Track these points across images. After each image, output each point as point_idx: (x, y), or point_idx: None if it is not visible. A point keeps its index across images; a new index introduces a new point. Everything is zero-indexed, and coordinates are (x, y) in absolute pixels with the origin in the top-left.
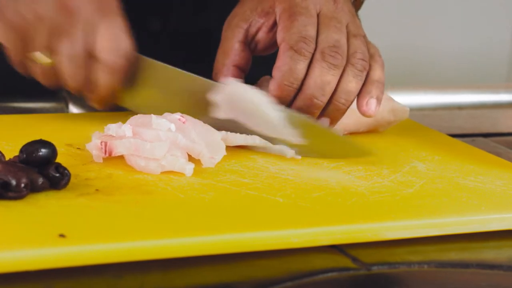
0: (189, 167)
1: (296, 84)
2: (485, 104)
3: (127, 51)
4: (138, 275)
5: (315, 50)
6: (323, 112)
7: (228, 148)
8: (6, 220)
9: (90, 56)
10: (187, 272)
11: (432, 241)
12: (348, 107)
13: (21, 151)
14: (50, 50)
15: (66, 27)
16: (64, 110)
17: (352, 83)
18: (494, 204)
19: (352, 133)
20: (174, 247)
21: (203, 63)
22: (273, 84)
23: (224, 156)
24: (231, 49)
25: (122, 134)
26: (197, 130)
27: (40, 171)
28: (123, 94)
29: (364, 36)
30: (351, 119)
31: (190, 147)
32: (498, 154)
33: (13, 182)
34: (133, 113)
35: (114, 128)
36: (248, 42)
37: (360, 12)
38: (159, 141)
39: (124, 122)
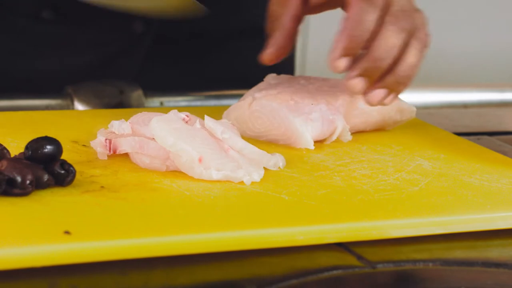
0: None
1: (365, 35)
2: (491, 102)
3: None
4: (142, 272)
5: (386, 12)
6: (383, 81)
7: None
8: (11, 216)
9: None
10: (192, 270)
11: (437, 239)
12: (407, 82)
13: (27, 148)
14: None
15: None
16: (70, 107)
17: (415, 58)
18: (500, 202)
19: (359, 131)
20: (179, 244)
21: (190, 64)
22: (342, 34)
23: None
24: (289, 0)
25: (122, 131)
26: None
27: (45, 168)
28: None
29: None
30: (358, 118)
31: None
32: (503, 153)
33: (19, 179)
34: (137, 110)
35: (116, 125)
36: None
37: None
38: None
39: (127, 119)
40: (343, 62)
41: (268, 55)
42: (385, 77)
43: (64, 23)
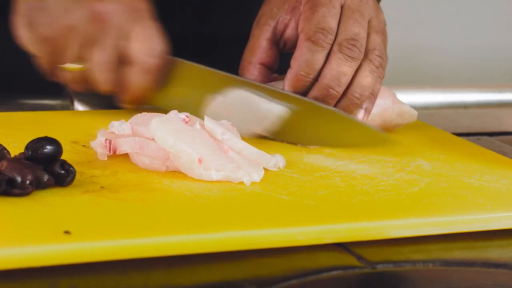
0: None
1: (312, 75)
2: (490, 103)
3: (162, 52)
4: (142, 272)
5: (334, 41)
6: (338, 105)
7: None
8: (11, 217)
9: (122, 61)
10: (192, 270)
11: (437, 240)
12: (362, 102)
13: (27, 148)
14: (82, 59)
15: (98, 36)
16: (70, 107)
17: (368, 78)
18: (499, 203)
19: None
20: (179, 244)
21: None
22: (289, 74)
23: None
24: (258, 47)
25: (123, 132)
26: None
27: (45, 168)
28: (156, 93)
29: (385, 39)
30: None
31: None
32: (503, 153)
33: (19, 179)
34: (136, 111)
35: (116, 126)
36: (277, 40)
37: None
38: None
39: (127, 120)
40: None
41: None
42: (340, 101)
43: None
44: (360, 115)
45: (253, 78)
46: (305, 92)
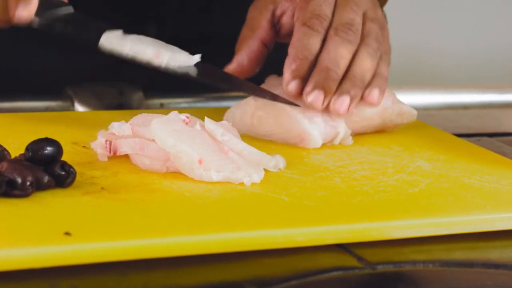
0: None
1: (310, 57)
2: (491, 104)
3: None
4: (143, 273)
5: (329, 27)
6: (340, 89)
7: None
8: (11, 218)
9: None
10: (192, 271)
11: (437, 241)
12: (364, 85)
13: (27, 149)
14: None
15: None
16: (70, 108)
17: (367, 60)
18: (500, 203)
19: (359, 134)
20: (179, 245)
21: None
22: (288, 60)
23: None
24: (259, 27)
25: (123, 132)
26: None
27: (45, 169)
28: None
29: (383, 28)
30: (360, 123)
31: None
32: (503, 154)
33: (19, 180)
34: (137, 112)
35: (116, 127)
36: (274, 23)
37: None
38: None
39: (127, 120)
40: (294, 84)
41: (229, 70)
42: (342, 85)
43: None
44: (375, 93)
45: (251, 51)
46: (305, 78)
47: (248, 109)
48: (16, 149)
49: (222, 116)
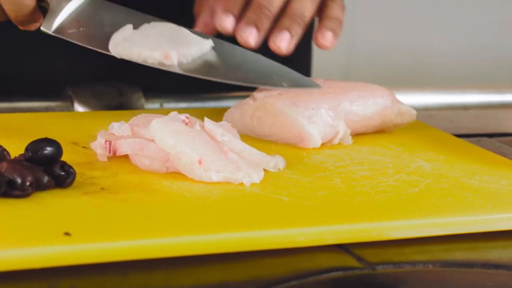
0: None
1: None
2: (490, 104)
3: None
4: (143, 273)
5: None
6: (281, 25)
7: None
8: (11, 218)
9: None
10: (192, 271)
11: (437, 241)
12: (306, 24)
13: (27, 149)
14: None
15: None
16: (70, 108)
17: (306, 2)
18: (499, 204)
19: (359, 134)
20: (179, 245)
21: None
22: None
23: None
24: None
25: (122, 133)
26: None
27: (45, 169)
28: None
29: None
30: (359, 123)
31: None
32: (503, 154)
33: (19, 181)
34: (137, 112)
35: (116, 127)
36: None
37: (367, 13)
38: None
39: (127, 121)
40: (228, 20)
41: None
42: (280, 21)
43: None
44: (329, 36)
45: (225, 25)
46: (238, 15)
47: (248, 109)
48: (16, 150)
49: (221, 116)
